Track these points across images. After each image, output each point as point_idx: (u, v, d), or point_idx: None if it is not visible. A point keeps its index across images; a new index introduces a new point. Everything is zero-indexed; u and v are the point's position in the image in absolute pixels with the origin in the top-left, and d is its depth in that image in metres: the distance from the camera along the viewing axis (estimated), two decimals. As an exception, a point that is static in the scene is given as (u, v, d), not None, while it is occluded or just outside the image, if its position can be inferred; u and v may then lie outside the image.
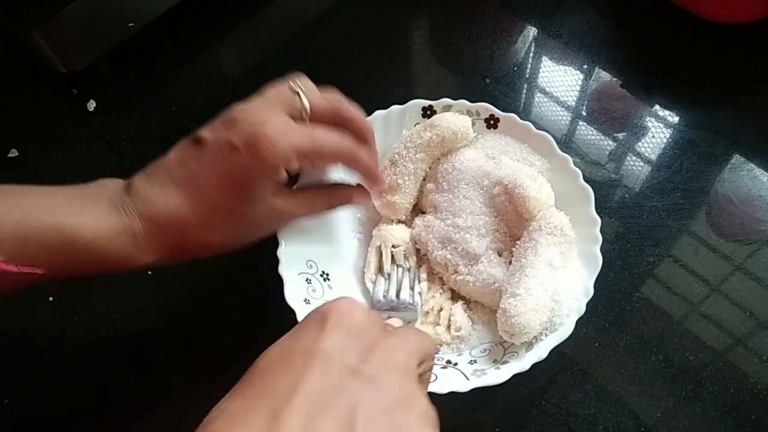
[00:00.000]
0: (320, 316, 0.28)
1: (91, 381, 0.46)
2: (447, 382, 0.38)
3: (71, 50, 0.56)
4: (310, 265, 0.44)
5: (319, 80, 0.60)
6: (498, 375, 0.38)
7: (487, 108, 0.47)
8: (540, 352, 0.39)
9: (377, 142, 0.44)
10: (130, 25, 0.57)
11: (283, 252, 0.42)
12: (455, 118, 0.46)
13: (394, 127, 0.48)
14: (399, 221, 0.47)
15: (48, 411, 0.45)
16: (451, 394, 0.37)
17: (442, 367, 0.41)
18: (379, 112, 0.47)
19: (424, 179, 0.47)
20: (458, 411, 0.41)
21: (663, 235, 0.49)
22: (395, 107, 0.48)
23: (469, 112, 0.48)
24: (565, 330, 0.39)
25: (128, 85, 0.61)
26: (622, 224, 0.49)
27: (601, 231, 0.42)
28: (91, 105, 0.59)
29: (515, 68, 0.59)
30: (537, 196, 0.42)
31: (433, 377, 0.38)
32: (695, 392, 0.43)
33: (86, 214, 0.35)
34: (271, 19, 0.64)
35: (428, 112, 0.48)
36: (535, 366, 0.38)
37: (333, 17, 0.64)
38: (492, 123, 0.48)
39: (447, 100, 0.48)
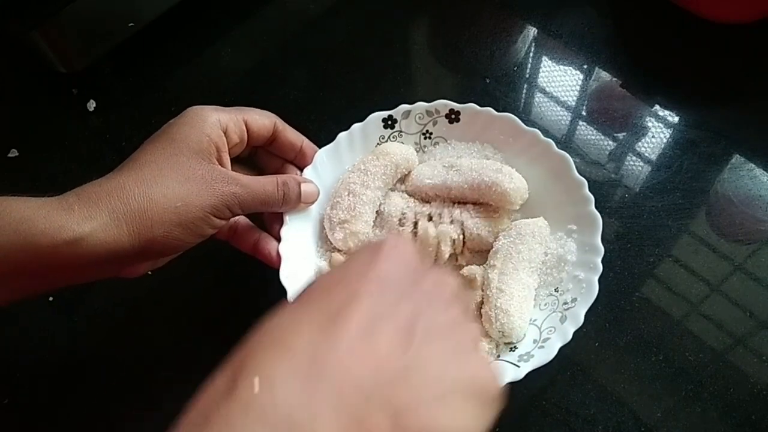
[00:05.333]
0: (373, 247, 0.28)
1: (91, 381, 0.46)
2: (501, 374, 0.38)
3: (71, 50, 0.56)
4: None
5: (320, 80, 0.60)
6: (545, 353, 0.38)
7: (445, 104, 0.48)
8: (576, 319, 0.39)
9: (344, 162, 0.47)
10: (130, 25, 0.57)
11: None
12: (399, 147, 0.47)
13: (359, 143, 0.48)
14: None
15: (48, 411, 0.45)
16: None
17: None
18: (342, 134, 0.47)
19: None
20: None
21: (663, 235, 0.49)
22: (356, 125, 0.48)
23: (428, 112, 0.48)
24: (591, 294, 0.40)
25: (128, 85, 0.61)
26: (622, 224, 0.49)
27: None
28: (91, 105, 0.59)
29: (515, 68, 0.59)
30: (512, 186, 0.44)
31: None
32: (695, 392, 0.43)
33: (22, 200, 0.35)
34: (271, 19, 0.65)
35: (389, 122, 0.48)
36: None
37: (333, 17, 0.64)
38: (453, 117, 0.48)
39: (405, 106, 0.48)
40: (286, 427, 0.21)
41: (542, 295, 0.43)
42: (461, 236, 0.45)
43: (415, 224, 0.46)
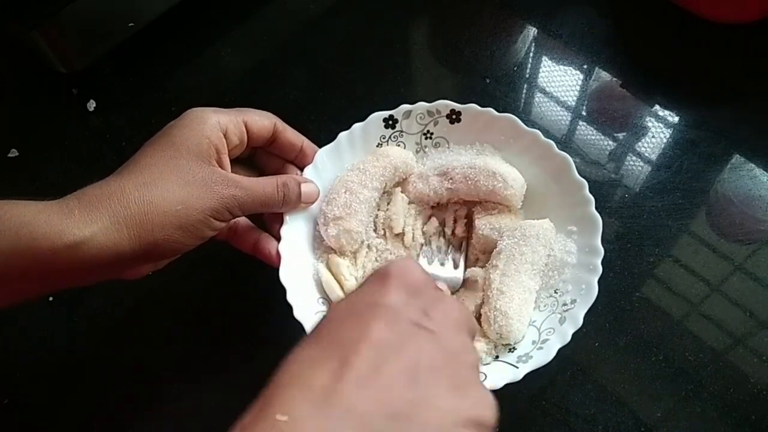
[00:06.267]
0: (381, 274, 0.30)
1: (91, 381, 0.46)
2: (499, 375, 0.39)
3: (71, 50, 0.56)
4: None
5: (320, 80, 0.60)
6: (544, 354, 0.39)
7: (446, 104, 0.48)
8: (575, 320, 0.40)
9: (344, 161, 0.47)
10: (130, 25, 0.57)
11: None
12: (399, 151, 0.47)
13: (360, 143, 0.48)
14: (348, 254, 0.46)
15: (48, 411, 0.45)
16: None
17: (485, 364, 0.41)
18: (343, 134, 0.47)
19: (378, 208, 0.48)
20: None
21: (663, 235, 0.49)
22: (357, 125, 0.48)
23: (429, 112, 0.48)
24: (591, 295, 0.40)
25: (128, 85, 0.61)
26: (622, 224, 0.49)
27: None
28: (91, 105, 0.59)
29: (515, 68, 0.59)
30: (509, 193, 0.44)
31: (482, 376, 0.39)
32: (695, 392, 0.43)
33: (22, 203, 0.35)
34: (271, 19, 0.64)
35: (390, 122, 0.48)
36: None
37: (333, 17, 0.64)
38: (454, 117, 0.48)
39: (406, 106, 0.48)
40: None
41: (542, 297, 0.43)
42: (468, 237, 0.46)
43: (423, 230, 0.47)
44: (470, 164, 0.45)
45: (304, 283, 0.43)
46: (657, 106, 0.56)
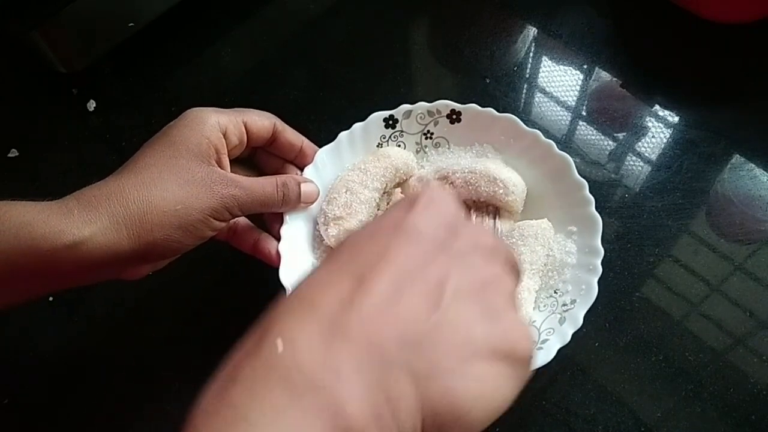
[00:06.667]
0: (410, 198, 0.28)
1: (91, 381, 0.46)
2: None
3: (71, 50, 0.56)
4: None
5: (320, 80, 0.60)
6: (543, 355, 0.38)
7: (446, 104, 0.48)
8: (575, 320, 0.39)
9: (344, 161, 0.47)
10: (130, 25, 0.57)
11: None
12: (400, 152, 0.47)
13: (360, 143, 0.48)
14: None
15: (48, 411, 0.45)
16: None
17: None
18: (343, 134, 0.47)
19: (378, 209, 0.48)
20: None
21: (663, 235, 0.49)
22: (357, 125, 0.48)
23: (429, 112, 0.48)
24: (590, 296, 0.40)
25: (128, 85, 0.61)
26: (622, 224, 0.49)
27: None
28: (91, 105, 0.59)
29: (515, 68, 0.59)
30: (510, 199, 0.44)
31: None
32: (695, 392, 0.43)
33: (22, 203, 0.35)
34: (271, 19, 0.65)
35: (390, 122, 0.48)
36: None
37: (333, 17, 0.64)
38: (455, 117, 0.48)
39: (406, 106, 0.48)
40: (309, 386, 0.20)
41: (541, 297, 0.43)
42: None
43: None
44: (471, 169, 0.45)
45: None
46: (657, 106, 0.56)
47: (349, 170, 0.47)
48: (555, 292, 0.43)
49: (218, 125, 0.40)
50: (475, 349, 0.23)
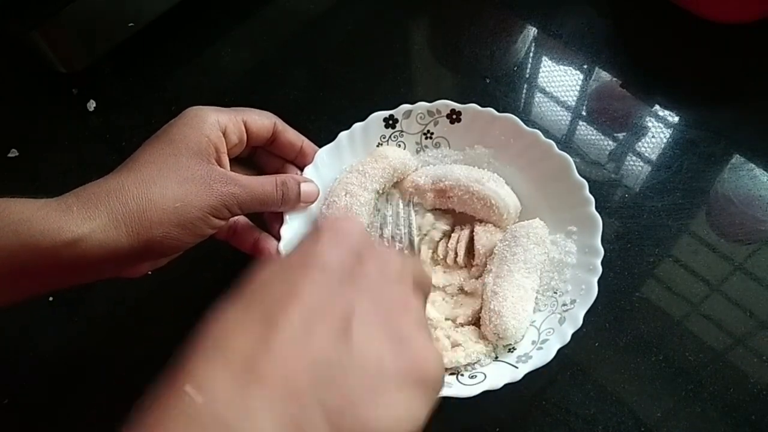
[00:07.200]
0: (315, 232, 0.28)
1: (91, 381, 0.46)
2: (499, 375, 0.39)
3: (71, 50, 0.56)
4: None
5: (320, 80, 0.60)
6: (543, 355, 0.38)
7: (446, 104, 0.48)
8: (575, 320, 0.39)
9: (344, 161, 0.47)
10: (130, 25, 0.57)
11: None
12: (397, 151, 0.47)
13: (360, 143, 0.48)
14: None
15: (48, 411, 0.45)
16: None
17: (485, 365, 0.41)
18: (343, 133, 0.47)
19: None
20: (459, 411, 0.41)
21: (663, 235, 0.49)
22: (357, 124, 0.48)
23: (429, 112, 0.48)
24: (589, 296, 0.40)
25: (128, 85, 0.61)
26: (622, 224, 0.49)
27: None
28: (91, 105, 0.59)
29: (515, 68, 0.59)
30: (504, 217, 0.45)
31: (481, 376, 0.39)
32: (695, 392, 0.43)
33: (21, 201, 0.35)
34: (271, 19, 0.65)
35: (390, 122, 0.48)
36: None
37: (333, 17, 0.64)
38: (455, 117, 0.48)
39: (406, 106, 0.48)
40: (222, 429, 0.21)
41: (541, 297, 0.43)
42: (469, 247, 0.46)
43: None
44: (467, 188, 0.45)
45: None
46: (657, 106, 0.56)
47: (347, 172, 0.47)
48: (555, 292, 0.43)
49: (218, 124, 0.40)
50: (385, 378, 0.24)
